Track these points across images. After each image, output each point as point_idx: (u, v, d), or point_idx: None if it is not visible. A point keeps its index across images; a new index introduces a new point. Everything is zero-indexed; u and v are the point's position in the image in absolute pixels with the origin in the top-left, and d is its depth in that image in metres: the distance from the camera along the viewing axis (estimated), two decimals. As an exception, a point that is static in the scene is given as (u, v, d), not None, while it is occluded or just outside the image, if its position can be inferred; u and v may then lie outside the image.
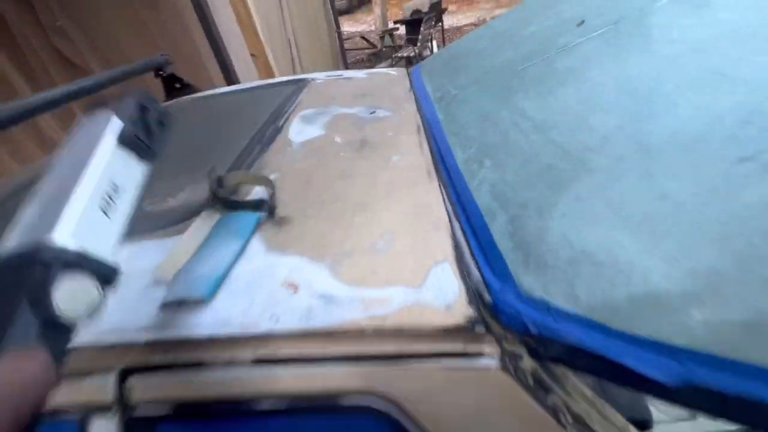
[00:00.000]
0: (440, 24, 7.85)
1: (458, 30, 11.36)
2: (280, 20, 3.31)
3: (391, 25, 8.38)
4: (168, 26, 2.55)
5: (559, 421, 0.39)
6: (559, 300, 0.39)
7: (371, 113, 0.94)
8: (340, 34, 6.18)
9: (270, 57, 2.54)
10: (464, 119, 0.78)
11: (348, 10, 18.48)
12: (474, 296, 0.43)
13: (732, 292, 0.34)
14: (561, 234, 0.44)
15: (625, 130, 0.50)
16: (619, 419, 0.43)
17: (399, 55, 7.02)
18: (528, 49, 0.88)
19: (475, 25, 11.88)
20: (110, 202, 0.37)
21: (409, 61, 7.06)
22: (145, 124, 0.43)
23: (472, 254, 0.48)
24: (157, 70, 1.46)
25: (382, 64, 7.10)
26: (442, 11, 7.90)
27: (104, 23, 2.63)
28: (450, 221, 0.53)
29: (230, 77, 2.56)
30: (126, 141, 0.40)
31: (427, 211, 0.56)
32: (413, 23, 7.21)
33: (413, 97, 1.04)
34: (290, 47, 3.82)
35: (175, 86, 1.55)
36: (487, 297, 0.43)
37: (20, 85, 2.89)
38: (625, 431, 0.42)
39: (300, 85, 1.25)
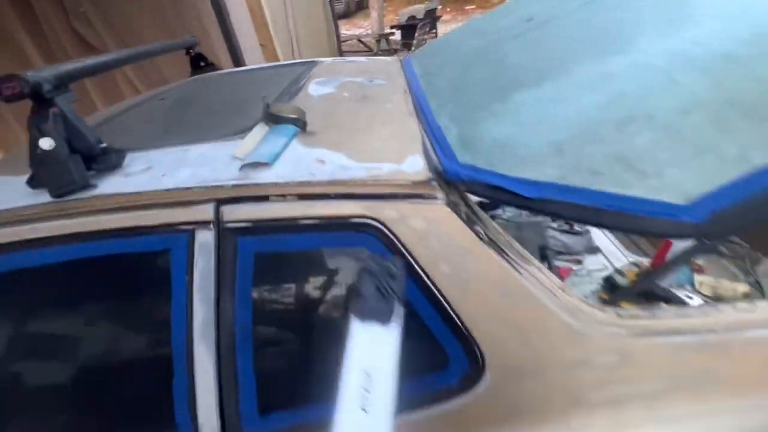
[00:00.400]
0: (434, 30, 8.21)
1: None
2: (284, 17, 3.59)
3: (387, 29, 8.70)
4: (184, 15, 2.80)
5: (480, 238, 0.67)
6: (480, 164, 0.67)
7: (370, 81, 1.21)
8: (338, 35, 6.46)
9: (277, 47, 2.81)
10: (437, 84, 1.07)
11: (345, 14, 18.73)
12: (432, 168, 0.70)
13: (568, 152, 0.63)
14: (486, 133, 0.72)
15: (533, 77, 0.79)
16: (518, 246, 0.71)
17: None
18: (489, 39, 1.18)
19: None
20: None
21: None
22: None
23: (434, 149, 0.76)
24: (188, 49, 1.72)
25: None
26: (437, 18, 8.26)
27: (124, 11, 2.86)
28: (421, 135, 0.81)
29: (239, 64, 2.81)
30: None
31: (407, 130, 0.84)
32: (408, 28, 7.56)
33: (403, 73, 1.32)
34: (292, 43, 4.09)
35: (200, 64, 1.81)
36: (439, 168, 0.71)
37: (39, 63, 3.10)
38: (523, 254, 0.70)
39: (312, 64, 1.52)
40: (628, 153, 0.58)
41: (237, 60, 2.79)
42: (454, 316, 0.66)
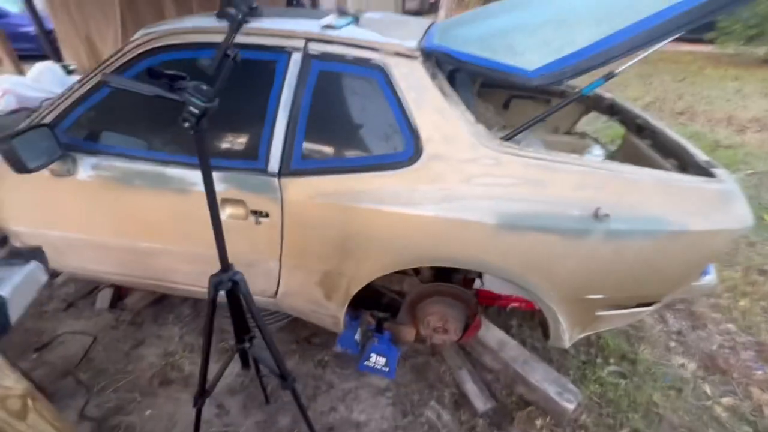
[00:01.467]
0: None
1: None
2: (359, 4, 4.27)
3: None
4: None
5: (434, 84, 1.26)
6: (443, 45, 1.27)
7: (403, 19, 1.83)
8: None
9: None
10: (448, 22, 1.66)
11: (419, 12, 19.33)
12: (421, 50, 1.30)
13: (485, 41, 1.21)
14: (455, 33, 1.31)
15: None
16: (455, 94, 1.29)
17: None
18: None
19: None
20: None
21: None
22: None
23: (424, 38, 1.35)
24: None
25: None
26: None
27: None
28: (423, 32, 1.41)
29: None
30: None
31: (416, 32, 1.43)
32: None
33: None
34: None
35: (294, 2, 2.48)
36: (426, 47, 1.30)
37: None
38: (456, 99, 1.28)
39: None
40: (513, 42, 1.16)
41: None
42: (413, 123, 1.26)
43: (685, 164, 1.45)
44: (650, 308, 1.40)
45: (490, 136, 1.24)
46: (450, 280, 1.71)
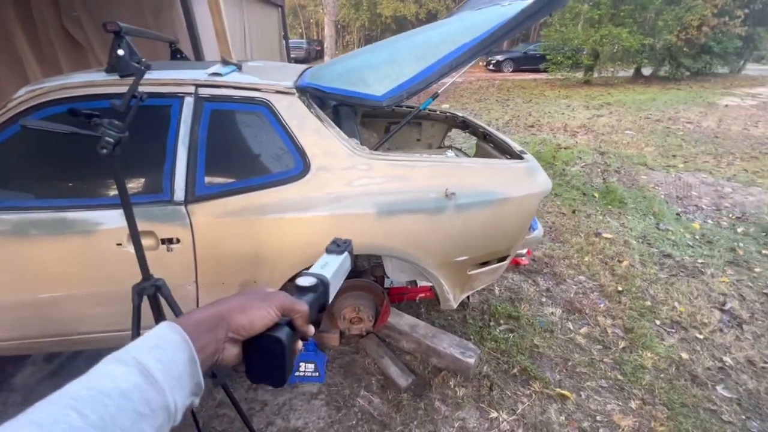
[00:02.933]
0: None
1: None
2: (242, 42, 4.56)
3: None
4: (163, 29, 3.64)
5: (311, 113, 1.58)
6: (313, 82, 1.60)
7: (287, 65, 2.16)
8: (288, 48, 7.46)
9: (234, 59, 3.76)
10: (322, 70, 2.03)
11: (305, 60, 20.29)
12: (296, 87, 1.62)
13: (346, 75, 1.59)
14: (324, 73, 1.66)
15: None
16: (329, 121, 1.63)
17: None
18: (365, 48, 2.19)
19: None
20: None
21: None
22: None
23: (299, 78, 1.68)
24: (171, 43, 2.57)
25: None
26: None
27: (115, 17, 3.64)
28: (297, 75, 1.74)
29: (203, 70, 3.67)
30: None
31: (292, 74, 1.76)
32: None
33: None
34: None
35: (177, 56, 2.65)
36: (300, 85, 1.62)
37: (28, 53, 3.71)
38: (332, 124, 1.61)
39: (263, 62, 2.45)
40: (364, 77, 1.55)
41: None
42: (299, 144, 1.54)
43: (511, 154, 1.98)
44: (506, 262, 1.84)
45: (362, 148, 1.59)
46: (360, 277, 1.98)
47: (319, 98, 1.67)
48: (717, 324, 2.49)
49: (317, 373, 2.06)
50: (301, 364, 2.04)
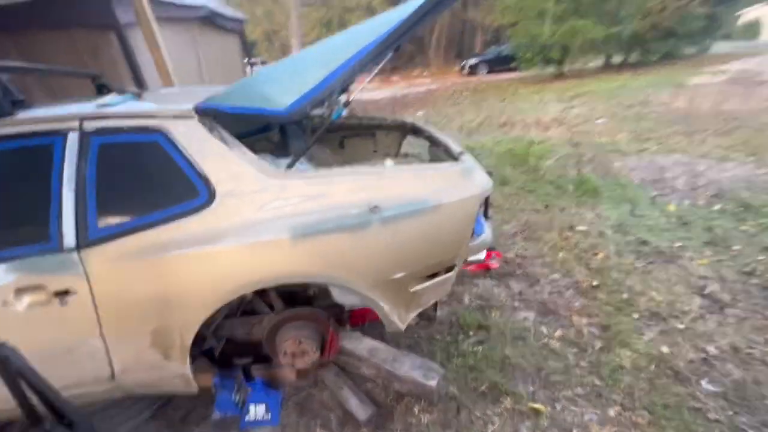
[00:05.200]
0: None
1: (376, 102, 13.51)
2: (197, 69, 4.49)
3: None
4: (105, 69, 3.54)
5: (212, 136, 1.45)
6: (212, 104, 1.48)
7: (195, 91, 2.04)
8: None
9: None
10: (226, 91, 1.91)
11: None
12: (195, 110, 1.49)
13: (243, 92, 1.46)
14: (222, 95, 1.54)
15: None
16: (236, 142, 1.50)
17: (310, 113, 8.45)
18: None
19: (390, 98, 14.20)
20: None
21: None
22: None
23: (201, 105, 1.55)
24: (93, 78, 2.45)
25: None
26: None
27: (51, 62, 3.54)
28: (198, 98, 1.62)
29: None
30: None
31: (195, 97, 1.64)
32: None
33: None
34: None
35: (103, 91, 2.53)
36: (199, 108, 1.50)
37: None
38: (236, 144, 1.48)
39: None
40: (265, 93, 1.43)
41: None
42: (201, 171, 1.41)
43: (453, 156, 1.86)
44: (453, 272, 1.70)
45: (274, 167, 1.46)
46: (310, 304, 1.82)
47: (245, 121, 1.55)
48: (698, 311, 2.34)
49: (269, 415, 1.88)
50: (250, 408, 1.87)
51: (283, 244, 1.37)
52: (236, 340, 1.93)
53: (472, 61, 19.45)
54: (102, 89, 2.51)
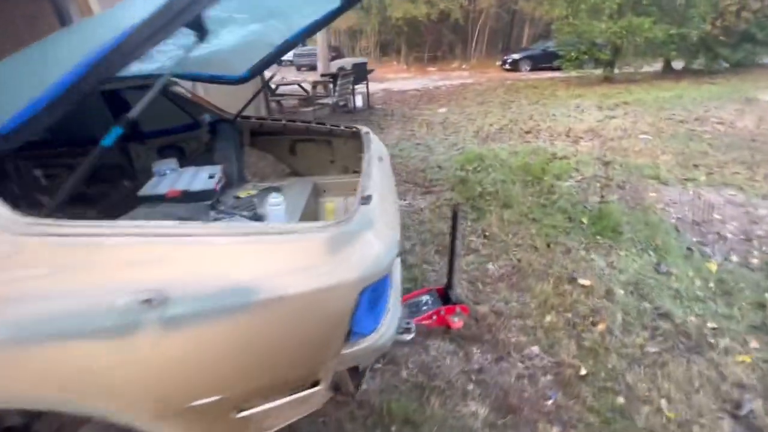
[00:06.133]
0: (365, 82, 8.98)
1: (402, 93, 12.80)
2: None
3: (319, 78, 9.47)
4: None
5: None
6: None
7: None
8: (263, 78, 6.87)
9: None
10: None
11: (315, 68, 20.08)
12: None
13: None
14: None
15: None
16: None
17: (319, 101, 7.95)
18: None
19: (418, 90, 13.44)
20: None
21: (335, 107, 8.00)
22: None
23: None
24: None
25: (309, 108, 7.97)
26: (368, 72, 9.08)
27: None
28: None
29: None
30: None
31: None
32: (335, 78, 8.31)
33: None
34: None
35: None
36: None
37: None
38: None
39: None
40: None
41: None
42: None
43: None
44: (315, 389, 1.10)
45: (14, 215, 0.90)
46: None
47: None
48: (724, 446, 1.62)
49: None
50: None
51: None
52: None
53: (515, 56, 18.16)
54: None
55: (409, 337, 1.58)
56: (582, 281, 2.65)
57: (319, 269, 0.95)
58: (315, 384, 1.09)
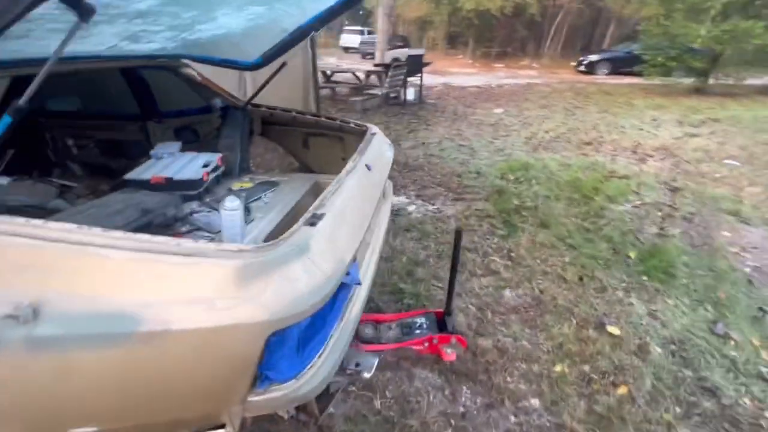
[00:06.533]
0: (420, 75, 8.66)
1: (461, 90, 12.30)
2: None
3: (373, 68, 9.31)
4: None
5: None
6: None
7: None
8: (315, 68, 6.79)
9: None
10: None
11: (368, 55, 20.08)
12: None
13: None
14: None
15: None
16: None
17: (369, 92, 7.82)
18: None
19: (479, 87, 12.85)
20: None
21: (385, 98, 7.83)
22: None
23: None
24: None
25: (359, 97, 7.87)
26: (424, 64, 8.74)
27: None
28: None
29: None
30: None
31: None
32: (388, 68, 8.09)
33: None
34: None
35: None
36: None
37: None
38: None
39: None
40: None
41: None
42: None
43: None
44: (227, 429, 0.96)
45: None
46: None
47: None
48: None
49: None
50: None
51: None
52: None
53: (593, 57, 16.68)
54: None
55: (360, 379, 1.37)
56: (611, 329, 2.26)
57: (217, 303, 0.79)
58: (220, 426, 0.95)
